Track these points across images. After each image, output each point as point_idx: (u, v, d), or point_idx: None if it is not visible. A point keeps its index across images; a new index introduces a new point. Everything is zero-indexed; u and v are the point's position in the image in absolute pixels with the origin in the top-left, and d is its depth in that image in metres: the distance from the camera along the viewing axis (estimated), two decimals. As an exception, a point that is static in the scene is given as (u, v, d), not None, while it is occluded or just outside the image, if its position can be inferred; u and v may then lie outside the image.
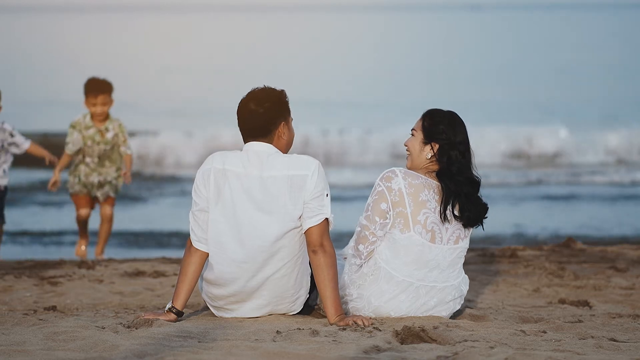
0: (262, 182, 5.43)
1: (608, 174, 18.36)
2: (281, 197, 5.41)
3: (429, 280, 5.59)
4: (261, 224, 5.43)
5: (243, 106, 5.53)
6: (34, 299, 6.82)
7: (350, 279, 5.65)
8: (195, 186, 5.54)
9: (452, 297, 5.66)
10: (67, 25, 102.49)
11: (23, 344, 4.87)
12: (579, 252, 8.93)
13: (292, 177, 5.41)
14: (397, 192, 5.50)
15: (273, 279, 5.48)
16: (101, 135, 9.07)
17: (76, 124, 9.06)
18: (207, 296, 5.64)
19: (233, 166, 5.47)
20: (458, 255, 5.65)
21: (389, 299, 5.56)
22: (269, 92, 5.56)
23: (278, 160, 5.47)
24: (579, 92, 32.99)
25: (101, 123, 9.07)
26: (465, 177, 5.57)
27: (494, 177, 17.73)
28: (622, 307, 6.50)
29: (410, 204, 5.51)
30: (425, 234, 5.52)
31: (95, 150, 9.08)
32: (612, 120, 25.02)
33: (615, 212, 14.76)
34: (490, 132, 20.45)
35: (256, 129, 5.51)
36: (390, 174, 5.56)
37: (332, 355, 4.65)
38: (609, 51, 53.50)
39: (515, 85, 35.66)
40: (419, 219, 5.51)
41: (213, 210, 5.46)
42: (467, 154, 5.62)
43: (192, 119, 25.30)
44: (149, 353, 4.66)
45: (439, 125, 5.64)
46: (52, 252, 11.23)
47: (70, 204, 11.37)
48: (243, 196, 5.43)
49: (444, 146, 5.61)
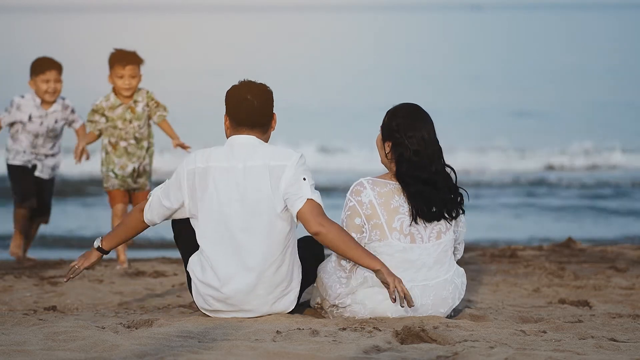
0: (245, 172, 5.44)
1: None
2: (263, 187, 5.42)
3: (418, 280, 5.54)
4: (246, 215, 5.42)
5: (241, 98, 5.52)
6: (34, 299, 6.82)
7: (341, 290, 5.62)
8: (176, 181, 5.53)
9: (448, 292, 5.61)
10: (66, 25, 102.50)
11: (23, 344, 4.87)
12: (579, 252, 8.93)
13: (272, 167, 5.42)
14: (368, 205, 5.44)
15: (263, 269, 5.47)
16: (131, 110, 7.99)
17: (98, 108, 8.00)
18: (205, 303, 5.62)
19: (217, 162, 5.48)
20: (443, 249, 5.57)
21: (382, 300, 5.54)
22: (259, 85, 5.59)
23: (262, 150, 5.49)
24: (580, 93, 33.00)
25: (129, 98, 7.99)
26: (415, 177, 5.43)
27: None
28: (622, 307, 6.50)
29: (383, 213, 5.45)
30: (403, 238, 5.47)
31: (130, 130, 7.99)
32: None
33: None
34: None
35: (255, 120, 5.53)
36: (359, 187, 5.48)
37: (332, 355, 4.65)
38: (609, 51, 53.50)
39: (516, 86, 35.67)
40: (394, 226, 5.46)
41: (199, 209, 5.47)
42: (426, 151, 5.46)
43: (193, 120, 25.32)
44: (149, 353, 4.66)
45: (393, 122, 5.53)
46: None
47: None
48: (228, 189, 5.44)
49: (396, 144, 5.50)
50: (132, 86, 7.93)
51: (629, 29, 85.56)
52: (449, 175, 5.57)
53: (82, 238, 12.79)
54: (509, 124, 25.06)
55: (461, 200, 5.60)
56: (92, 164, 9.29)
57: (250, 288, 5.50)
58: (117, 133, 7.97)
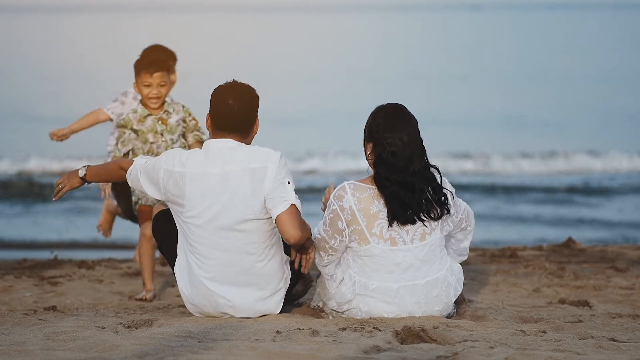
0: (222, 177, 5.44)
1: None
2: (241, 190, 5.42)
3: (405, 280, 5.51)
4: (226, 217, 5.44)
5: (223, 102, 5.50)
6: (34, 299, 6.82)
7: (334, 293, 5.62)
8: (153, 171, 5.57)
9: (440, 290, 5.57)
10: (67, 25, 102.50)
11: (23, 344, 4.87)
12: (579, 252, 8.94)
13: (253, 170, 5.43)
14: (348, 211, 5.44)
15: (248, 263, 5.49)
16: (163, 122, 6.95)
17: (126, 122, 6.92)
18: (193, 305, 5.66)
19: (193, 167, 5.48)
20: (430, 250, 5.53)
21: (375, 303, 5.54)
22: (243, 87, 5.55)
23: (239, 153, 5.48)
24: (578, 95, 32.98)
25: (158, 109, 6.97)
26: (391, 179, 5.39)
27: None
28: (622, 307, 6.50)
29: (362, 219, 5.44)
30: (383, 242, 5.46)
31: (162, 145, 6.92)
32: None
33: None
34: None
35: (234, 126, 5.51)
36: (341, 191, 5.47)
37: (332, 355, 4.65)
38: (609, 52, 53.49)
39: (516, 87, 35.67)
40: (374, 232, 5.45)
41: (185, 212, 5.50)
42: (403, 152, 5.41)
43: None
44: (149, 353, 4.66)
45: (374, 123, 5.50)
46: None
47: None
48: (204, 194, 5.45)
49: (375, 145, 5.48)
50: (162, 95, 6.92)
51: (630, 28, 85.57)
52: (431, 176, 5.50)
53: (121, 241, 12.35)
54: (504, 130, 24.94)
55: (445, 200, 5.55)
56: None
57: (235, 287, 5.52)
58: (148, 148, 6.92)
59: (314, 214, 7.31)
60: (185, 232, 5.56)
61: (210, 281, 5.53)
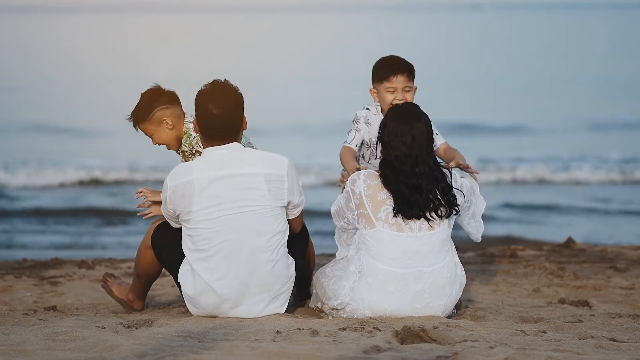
0: (233, 180, 5.47)
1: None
2: (257, 191, 5.48)
3: (412, 266, 5.56)
4: (237, 219, 5.47)
5: (209, 113, 5.46)
6: (34, 299, 6.82)
7: (342, 282, 5.64)
8: (163, 196, 5.58)
9: (446, 280, 5.61)
10: (66, 25, 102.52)
11: (23, 344, 4.88)
12: (579, 252, 8.94)
13: (269, 174, 5.50)
14: (358, 196, 5.58)
15: (259, 263, 5.51)
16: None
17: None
18: (197, 309, 5.66)
19: (200, 173, 5.49)
20: (439, 239, 5.60)
21: (378, 290, 5.56)
22: (225, 91, 5.50)
23: (249, 157, 5.52)
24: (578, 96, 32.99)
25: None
26: (396, 180, 5.51)
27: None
28: (622, 307, 6.50)
29: (369, 204, 5.56)
30: (388, 227, 5.55)
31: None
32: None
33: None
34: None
35: (225, 133, 5.51)
36: (356, 177, 5.65)
37: (332, 355, 4.65)
38: (609, 52, 53.50)
39: (517, 88, 35.68)
40: (379, 216, 5.56)
41: (189, 220, 5.52)
42: (409, 155, 5.51)
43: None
44: (149, 353, 4.67)
45: (383, 123, 5.67)
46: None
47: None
48: (214, 197, 5.46)
49: (383, 145, 5.64)
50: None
51: (630, 27, 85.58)
52: (441, 176, 5.58)
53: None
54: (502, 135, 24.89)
55: (454, 200, 5.60)
56: None
57: (244, 288, 5.52)
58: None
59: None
60: (192, 238, 5.54)
61: (217, 282, 5.52)
